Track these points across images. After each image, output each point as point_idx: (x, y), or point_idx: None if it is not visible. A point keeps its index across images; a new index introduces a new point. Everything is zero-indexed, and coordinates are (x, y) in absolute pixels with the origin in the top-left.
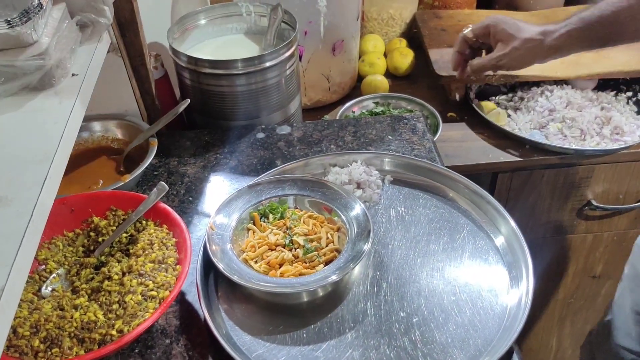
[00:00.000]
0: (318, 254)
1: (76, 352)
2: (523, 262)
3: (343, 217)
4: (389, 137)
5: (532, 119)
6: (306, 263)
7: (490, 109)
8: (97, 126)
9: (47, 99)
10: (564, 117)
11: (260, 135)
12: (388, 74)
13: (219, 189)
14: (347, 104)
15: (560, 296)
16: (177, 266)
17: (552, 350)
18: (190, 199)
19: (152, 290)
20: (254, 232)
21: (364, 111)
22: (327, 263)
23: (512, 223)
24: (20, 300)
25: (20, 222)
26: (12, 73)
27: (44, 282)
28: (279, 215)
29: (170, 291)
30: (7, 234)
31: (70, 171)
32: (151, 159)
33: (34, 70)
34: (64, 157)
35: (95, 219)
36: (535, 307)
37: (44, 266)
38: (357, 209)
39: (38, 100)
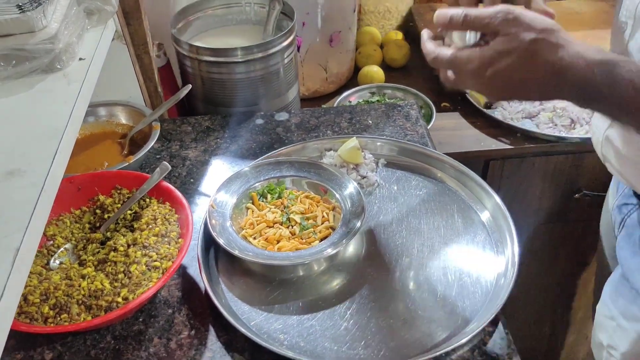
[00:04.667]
0: (314, 231)
1: (84, 318)
2: (508, 234)
3: (337, 196)
4: (384, 123)
5: (524, 109)
6: (302, 239)
7: (482, 99)
8: (102, 111)
9: (56, 80)
10: (554, 106)
11: (259, 121)
12: (384, 65)
13: (219, 171)
14: (344, 94)
15: (551, 282)
16: (180, 239)
17: (546, 337)
18: (192, 180)
19: (155, 261)
20: (252, 211)
21: (360, 101)
22: (322, 240)
23: (497, 198)
24: (30, 272)
25: (33, 191)
26: (22, 56)
27: (52, 256)
28: (277, 195)
29: (173, 262)
30: (22, 202)
31: (76, 154)
32: (154, 141)
33: (44, 54)
34: (73, 134)
35: (101, 197)
36: (527, 293)
37: (52, 241)
38: (351, 187)
39: (47, 81)
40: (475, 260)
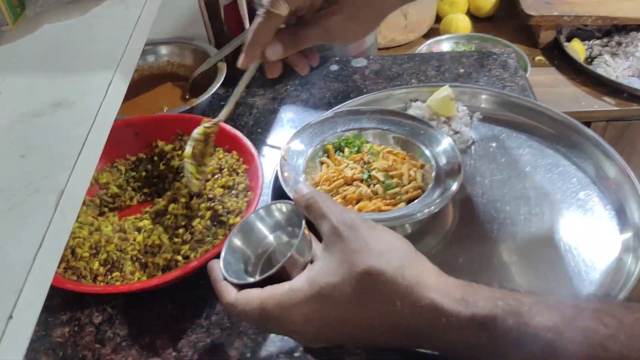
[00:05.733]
0: (400, 191)
1: (138, 278)
2: (636, 204)
3: (428, 154)
4: (477, 73)
5: (631, 65)
6: (386, 200)
7: (583, 53)
8: (163, 50)
9: (113, 5)
10: None
11: (334, 67)
12: (469, 14)
13: (290, 121)
14: (425, 44)
15: None
16: (249, 193)
17: None
18: (259, 130)
19: (221, 215)
20: (328, 166)
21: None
22: (408, 202)
23: (622, 162)
24: (80, 222)
25: (82, 127)
26: None
27: (105, 206)
28: (356, 149)
29: (241, 217)
30: (68, 138)
31: (133, 96)
32: (220, 82)
33: None
34: (130, 65)
35: (160, 143)
36: None
37: (105, 190)
38: (445, 143)
39: (104, 6)
40: (594, 232)
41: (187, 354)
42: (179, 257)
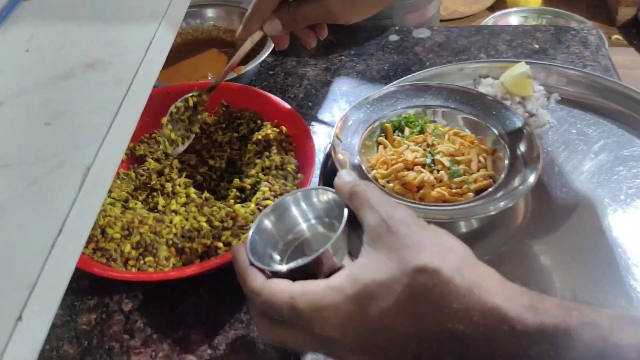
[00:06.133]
0: (468, 179)
1: (173, 264)
2: None
3: (501, 139)
4: (554, 49)
5: None
6: (452, 189)
7: None
8: (209, 12)
9: None
10: None
11: (394, 37)
12: None
13: (344, 95)
14: (490, 17)
15: None
16: (299, 175)
17: None
18: (310, 104)
19: (267, 199)
20: (385, 147)
21: None
22: (477, 192)
23: None
24: (113, 198)
25: (117, 91)
26: None
27: (141, 182)
28: (418, 129)
29: None
30: (101, 104)
31: (174, 62)
32: (269, 51)
33: None
34: (175, 21)
35: (204, 114)
36: None
37: (142, 164)
38: (521, 127)
39: None
40: None
41: (223, 352)
42: (220, 244)
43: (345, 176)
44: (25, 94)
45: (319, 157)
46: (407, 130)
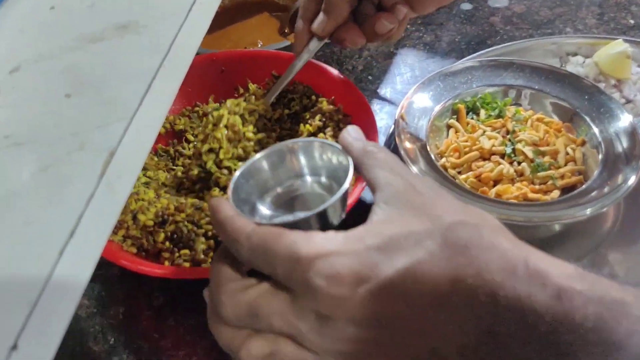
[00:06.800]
0: (554, 174)
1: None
2: None
3: (594, 129)
4: None
5: None
6: (534, 185)
7: None
8: None
9: None
10: None
11: (467, 6)
12: None
13: (409, 69)
14: None
15: None
16: None
17: None
18: (370, 78)
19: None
20: (457, 132)
21: None
22: (563, 189)
23: None
24: (149, 177)
25: (152, 57)
26: None
27: (179, 159)
28: (496, 112)
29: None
30: (131, 73)
31: (221, 27)
32: None
33: None
34: None
35: (252, 87)
36: None
37: (181, 140)
38: (620, 115)
39: None
40: None
41: None
42: None
43: (355, 132)
44: (45, 58)
45: (384, 140)
46: (482, 113)
